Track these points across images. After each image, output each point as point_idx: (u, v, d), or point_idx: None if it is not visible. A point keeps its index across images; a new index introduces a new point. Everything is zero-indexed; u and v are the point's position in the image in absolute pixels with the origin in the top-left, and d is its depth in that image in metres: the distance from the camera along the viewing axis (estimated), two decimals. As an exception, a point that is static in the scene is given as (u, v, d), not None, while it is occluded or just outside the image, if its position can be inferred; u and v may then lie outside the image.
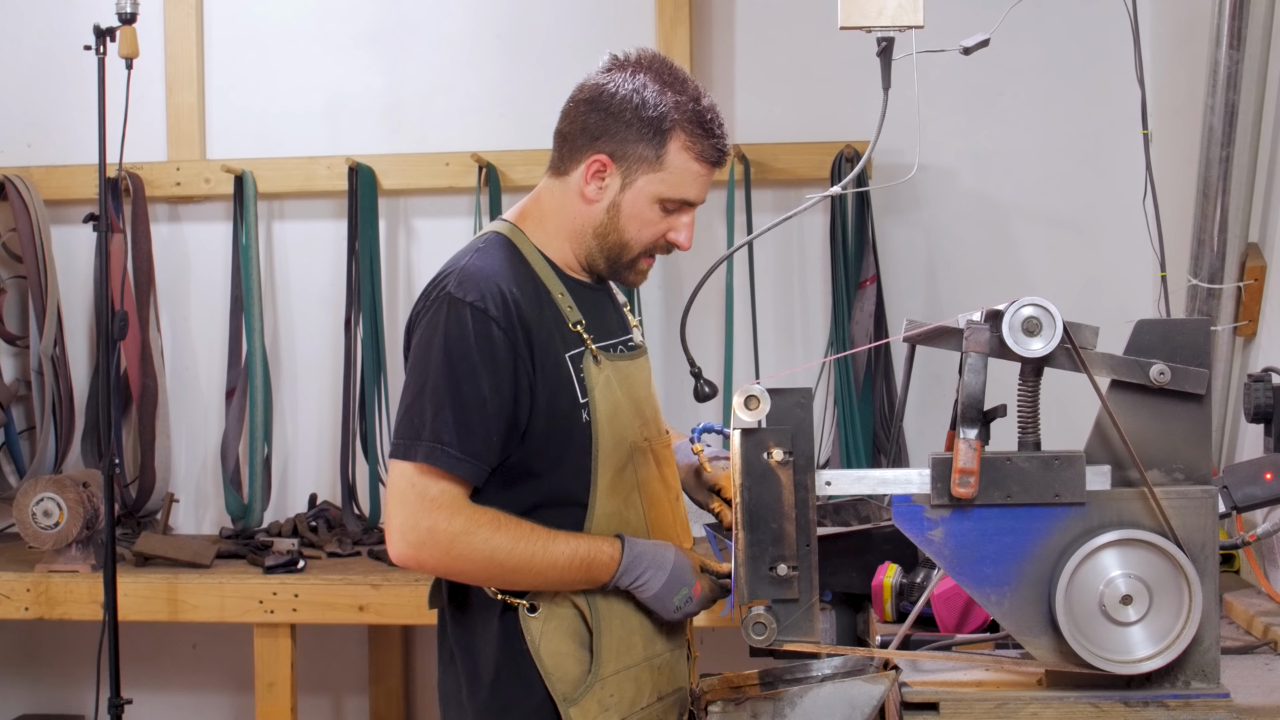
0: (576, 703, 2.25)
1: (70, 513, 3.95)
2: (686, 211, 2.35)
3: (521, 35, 4.58)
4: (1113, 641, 2.01)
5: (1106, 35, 4.11)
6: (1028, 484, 2.03)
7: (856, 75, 3.28)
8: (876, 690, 2.09)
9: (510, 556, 2.20)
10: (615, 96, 2.28)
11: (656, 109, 2.26)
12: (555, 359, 2.26)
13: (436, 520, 2.18)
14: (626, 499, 2.33)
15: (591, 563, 2.25)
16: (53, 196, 4.57)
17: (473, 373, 2.19)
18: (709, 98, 2.33)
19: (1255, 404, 2.76)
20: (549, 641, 2.27)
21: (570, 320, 2.31)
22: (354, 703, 4.72)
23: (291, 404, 4.66)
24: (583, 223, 2.34)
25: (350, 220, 4.47)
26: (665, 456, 2.45)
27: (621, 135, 2.28)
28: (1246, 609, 2.74)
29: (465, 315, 2.20)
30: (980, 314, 2.07)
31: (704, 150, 2.29)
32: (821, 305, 4.41)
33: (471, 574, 2.25)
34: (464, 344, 2.20)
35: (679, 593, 2.29)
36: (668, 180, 2.29)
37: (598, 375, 2.30)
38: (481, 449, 2.20)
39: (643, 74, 2.30)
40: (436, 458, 2.18)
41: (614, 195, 2.31)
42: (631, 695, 2.30)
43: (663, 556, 2.29)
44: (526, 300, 2.25)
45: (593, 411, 2.28)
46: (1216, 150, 3.10)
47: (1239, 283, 3.20)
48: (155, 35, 4.59)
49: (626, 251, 2.35)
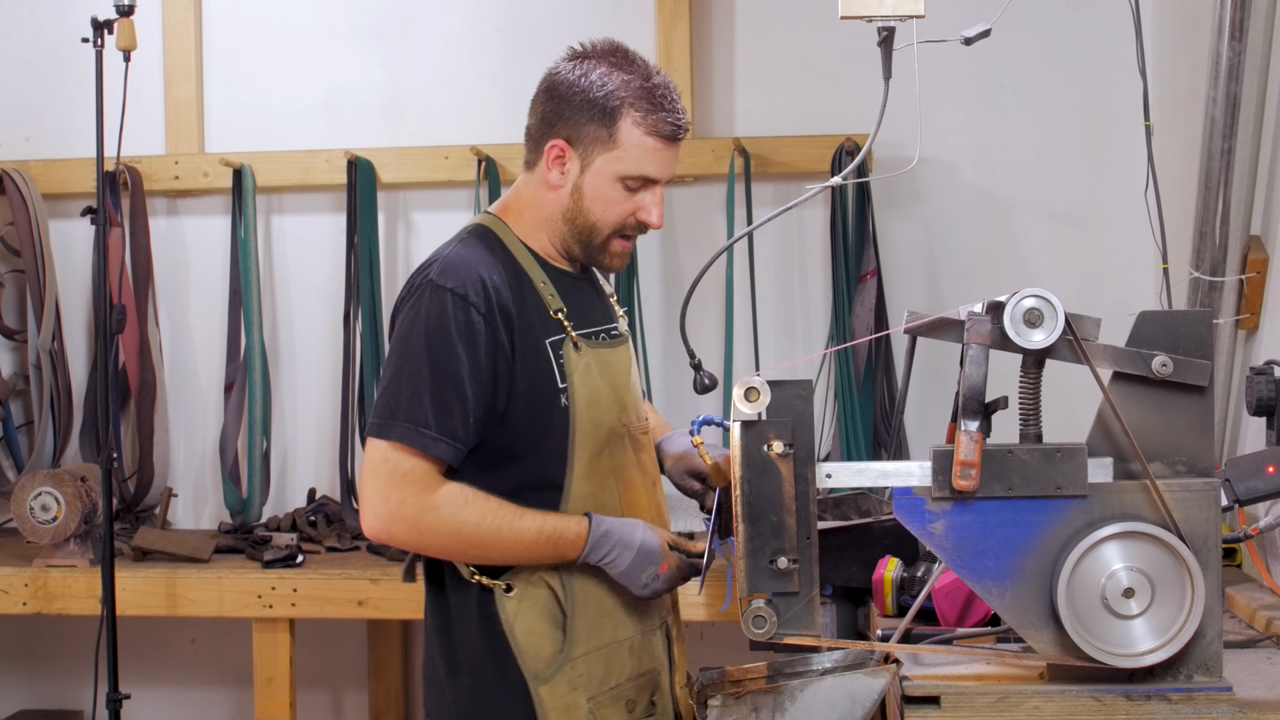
0: (547, 681, 2.31)
1: (68, 507, 3.93)
2: (651, 189, 2.39)
3: (521, 28, 4.56)
4: (1115, 635, 2.00)
5: (1108, 27, 4.09)
6: (1029, 476, 2.02)
7: (857, 68, 3.28)
8: (877, 684, 2.08)
9: (476, 530, 2.27)
10: (567, 83, 2.36)
11: (604, 89, 2.33)
12: (536, 345, 2.33)
13: (405, 494, 2.25)
14: (602, 483, 2.39)
15: (559, 539, 2.30)
16: (51, 190, 4.56)
17: (451, 356, 2.26)
18: (661, 76, 2.38)
19: (1257, 397, 2.75)
20: (523, 621, 2.33)
21: (551, 308, 2.37)
22: (353, 698, 4.71)
23: (290, 398, 4.65)
24: (553, 209, 2.41)
25: (349, 214, 4.45)
26: (643, 443, 2.50)
27: (574, 119, 2.35)
28: (1249, 603, 2.73)
29: (446, 301, 2.27)
30: (981, 306, 2.06)
31: (656, 124, 2.34)
32: (822, 298, 4.40)
33: (440, 547, 2.32)
34: (443, 329, 2.26)
35: (646, 570, 2.34)
36: (624, 158, 2.34)
37: (577, 361, 2.36)
38: (458, 429, 2.27)
39: (594, 59, 2.37)
40: (411, 438, 2.25)
41: (575, 178, 2.37)
42: (601, 675, 2.36)
43: (629, 534, 2.34)
44: (507, 288, 2.32)
45: (571, 397, 2.34)
46: (1218, 142, 3.09)
47: (1241, 275, 3.19)
48: (154, 28, 4.57)
49: (596, 233, 2.40)
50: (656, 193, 2.40)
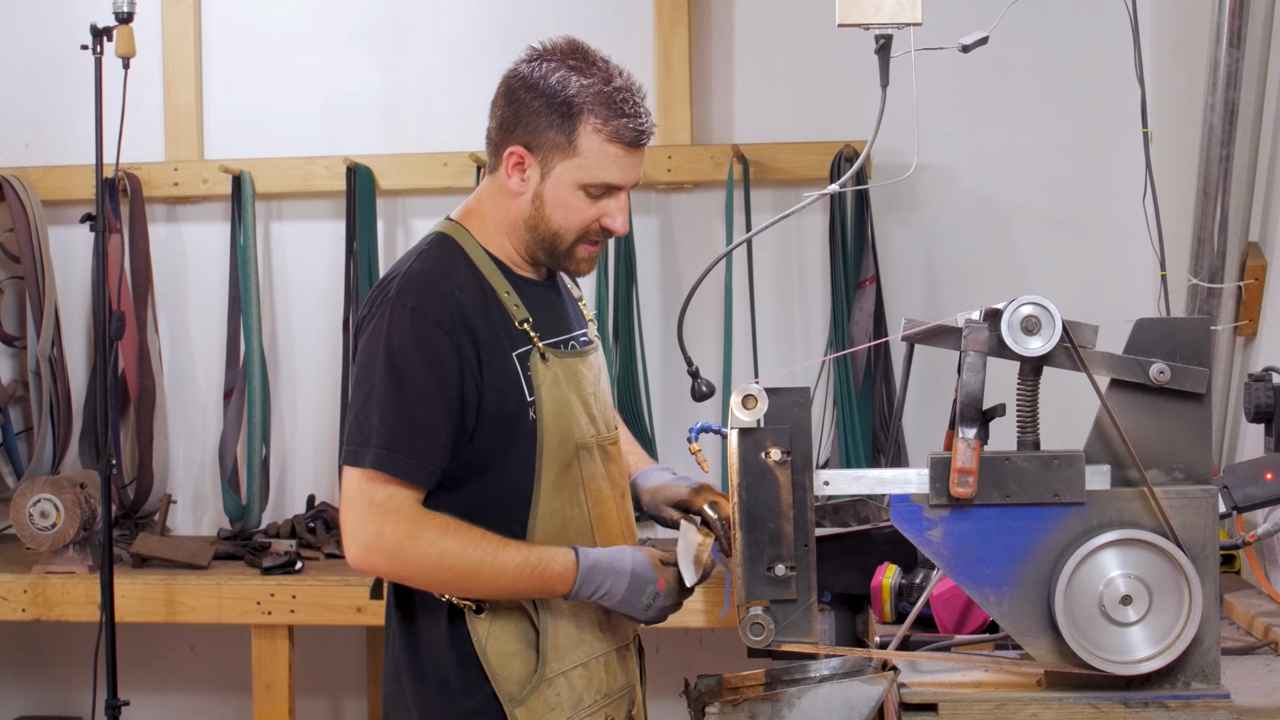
0: (523, 703, 2.26)
1: (67, 514, 3.94)
2: (614, 195, 2.31)
3: (520, 35, 4.45)
4: (1112, 642, 2.00)
5: (1106, 34, 4.10)
6: (1027, 484, 2.02)
7: (856, 75, 3.27)
8: (875, 691, 2.08)
9: (458, 561, 2.21)
10: (525, 87, 2.29)
11: (563, 94, 2.25)
12: (502, 358, 2.27)
13: (383, 525, 2.19)
14: (571, 496, 2.33)
15: (544, 571, 2.24)
16: (50, 197, 4.56)
17: (417, 377, 2.20)
18: (624, 79, 2.31)
19: (1256, 404, 2.76)
20: (495, 642, 2.28)
21: (517, 319, 2.31)
22: (352, 704, 4.71)
23: (290, 405, 4.65)
24: (514, 216, 2.33)
25: (348, 220, 4.46)
26: (612, 454, 2.44)
27: (533, 124, 2.27)
28: (1247, 609, 2.73)
29: (406, 320, 2.21)
30: (979, 313, 2.06)
31: (616, 130, 2.26)
32: (821, 305, 4.40)
33: (421, 578, 2.25)
34: (406, 349, 2.20)
35: (645, 591, 2.27)
36: (584, 165, 2.27)
37: (545, 373, 2.30)
38: (429, 452, 2.21)
39: (553, 61, 2.30)
40: (383, 463, 2.19)
41: (536, 186, 2.30)
42: (578, 693, 2.31)
43: (620, 561, 2.28)
44: (470, 301, 2.25)
45: (539, 409, 2.28)
46: (1217, 149, 3.10)
47: (1239, 282, 3.19)
48: (153, 35, 4.58)
49: (560, 241, 2.33)
50: (621, 199, 2.32)
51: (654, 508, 2.54)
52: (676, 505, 2.49)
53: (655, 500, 2.53)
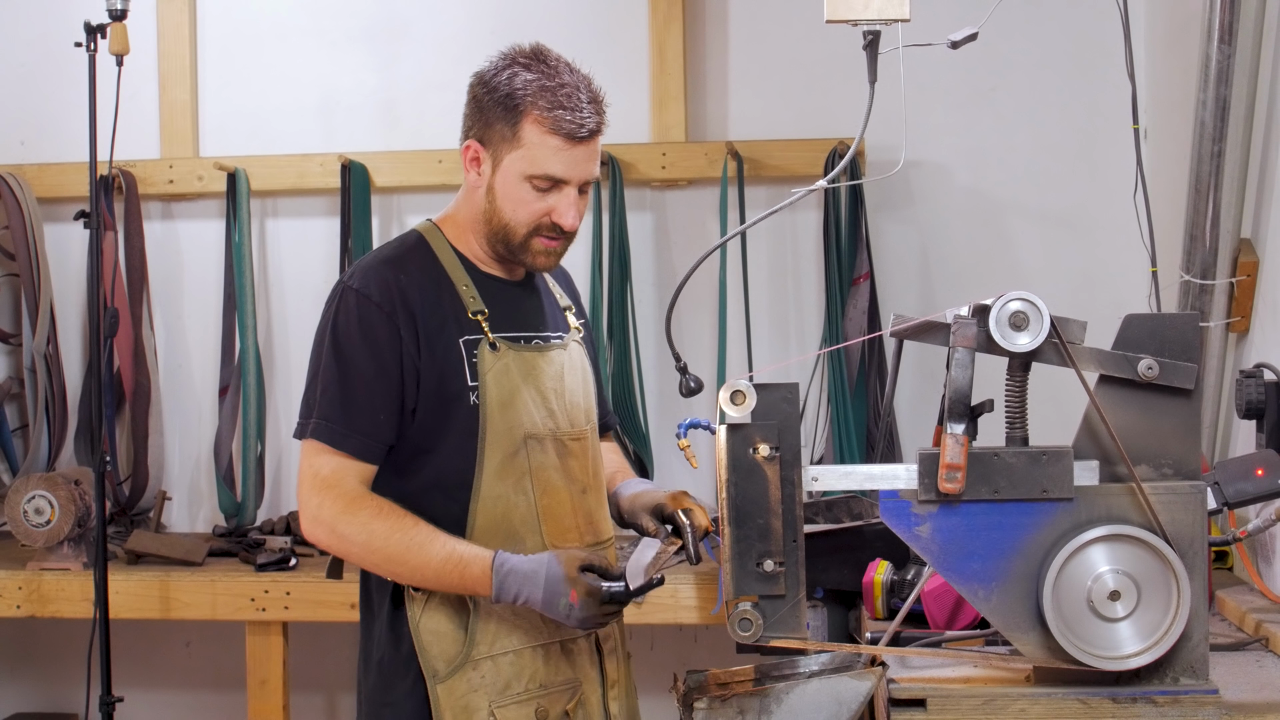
0: (444, 680, 2.33)
1: (62, 510, 3.94)
2: (561, 190, 2.38)
3: (515, 32, 4.45)
4: (1101, 637, 2.00)
5: (1099, 30, 4.10)
6: (1015, 479, 2.03)
7: (850, 72, 3.26)
8: (863, 686, 2.09)
9: (386, 544, 2.29)
10: (481, 84, 2.41)
11: (509, 88, 2.35)
12: (446, 342, 2.36)
13: (324, 498, 2.31)
14: (517, 484, 2.39)
15: (464, 569, 2.29)
16: (46, 194, 4.56)
17: (356, 355, 2.32)
18: (574, 76, 2.38)
19: (1247, 400, 2.76)
20: (429, 619, 2.35)
21: (470, 309, 2.39)
22: (346, 701, 4.71)
23: (285, 401, 4.64)
24: (476, 212, 2.44)
25: (343, 218, 4.45)
26: (573, 449, 2.47)
27: (485, 119, 2.38)
28: (1239, 605, 2.74)
29: (351, 302, 2.34)
30: (967, 309, 2.06)
31: (556, 123, 2.33)
32: (815, 302, 4.40)
33: (355, 556, 2.35)
34: (348, 328, 2.33)
35: (559, 604, 2.28)
36: (527, 156, 2.35)
37: (493, 362, 2.38)
38: (368, 425, 2.32)
39: (511, 63, 2.39)
40: (322, 433, 2.31)
41: (489, 178, 2.40)
42: (506, 679, 2.35)
43: (535, 572, 2.29)
44: (416, 287, 2.36)
45: (482, 396, 2.36)
46: (1208, 145, 3.10)
47: (1231, 278, 3.19)
48: (148, 32, 4.57)
49: (512, 234, 2.41)
50: (568, 194, 2.38)
51: (632, 515, 2.57)
52: (653, 511, 2.52)
53: (634, 507, 2.57)
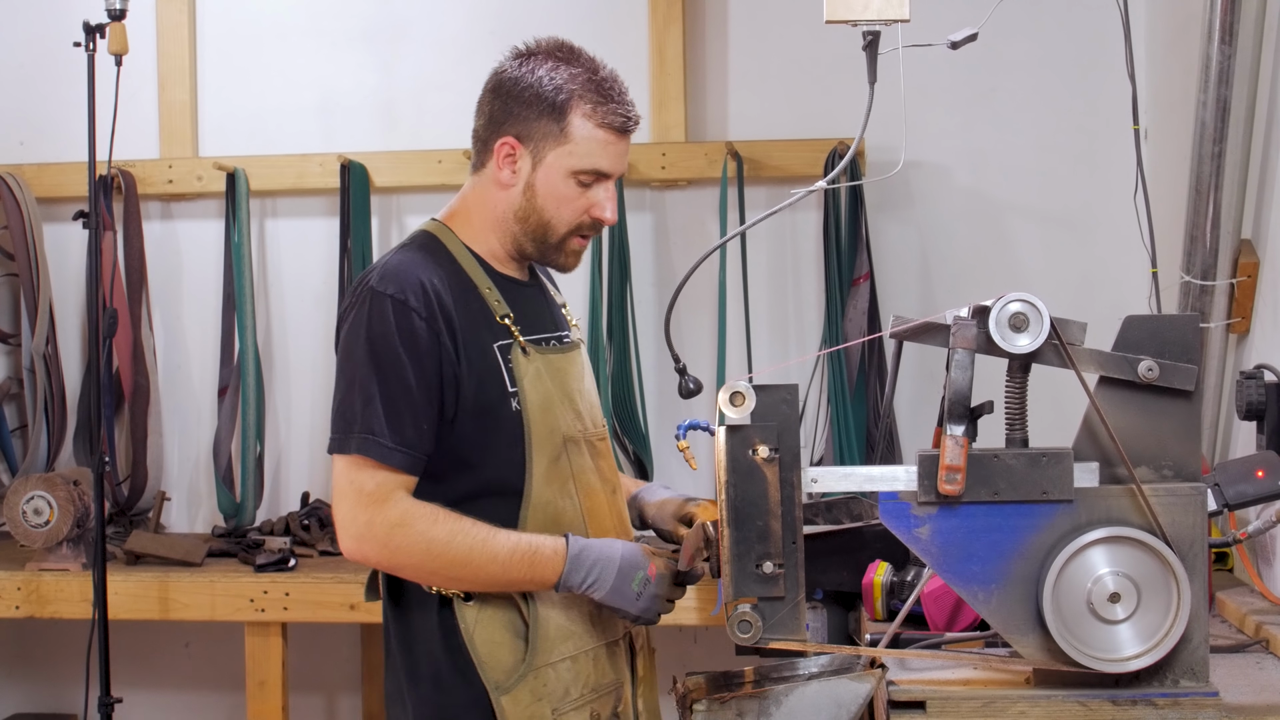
0: (508, 691, 2.27)
1: (61, 511, 3.93)
2: (604, 184, 2.36)
3: (514, 32, 4.44)
4: (1100, 640, 2.00)
5: (1100, 31, 4.10)
6: (1015, 481, 2.02)
7: (850, 72, 3.26)
8: (863, 688, 2.08)
9: (447, 549, 2.23)
10: (514, 81, 2.34)
11: (553, 83, 2.31)
12: (481, 348, 2.30)
13: (373, 514, 2.23)
14: (562, 488, 2.35)
15: (534, 557, 2.25)
16: (45, 194, 4.56)
17: (397, 364, 2.24)
18: (609, 70, 2.37)
19: (1247, 401, 2.75)
20: (483, 630, 2.29)
21: (498, 313, 2.34)
22: (346, 702, 4.71)
23: (284, 402, 4.64)
24: (504, 210, 2.37)
25: (343, 217, 4.45)
26: (601, 450, 2.46)
27: (524, 115, 2.32)
28: (1239, 607, 2.73)
29: (387, 308, 2.25)
30: (967, 310, 2.06)
31: (605, 115, 2.32)
32: (815, 303, 4.40)
33: (412, 567, 2.27)
34: (387, 337, 2.24)
35: (635, 577, 2.27)
36: (575, 152, 2.32)
37: (526, 366, 2.33)
38: (413, 438, 2.24)
39: (539, 56, 2.36)
40: (369, 449, 2.23)
41: (527, 176, 2.34)
42: (565, 686, 2.31)
43: (609, 547, 2.30)
44: (449, 292, 2.29)
45: (523, 401, 2.31)
46: (1209, 146, 3.09)
47: (1232, 279, 3.19)
48: (147, 32, 4.58)
49: (551, 232, 2.37)
50: (609, 188, 2.36)
51: (659, 521, 2.55)
52: (682, 519, 2.51)
53: (661, 514, 2.55)
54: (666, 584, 2.31)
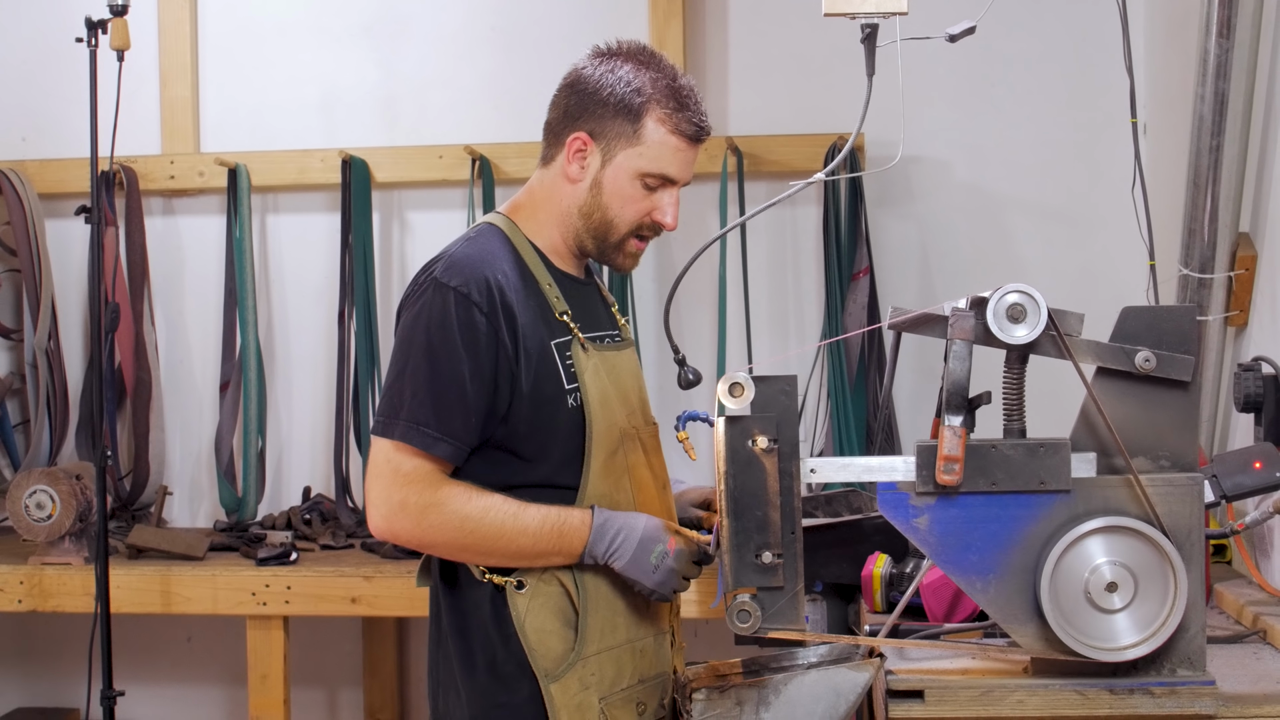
0: (558, 679, 2.28)
1: (63, 505, 3.95)
2: (669, 189, 2.39)
3: (515, 28, 4.57)
4: (1098, 629, 2.01)
5: (1099, 25, 4.11)
6: (1013, 471, 2.03)
7: (850, 67, 3.26)
8: (861, 678, 2.09)
9: (481, 524, 2.25)
10: (593, 79, 2.36)
11: (632, 85, 2.33)
12: (540, 345, 2.31)
13: (408, 494, 2.25)
14: (617, 482, 2.37)
15: (563, 526, 2.28)
16: (47, 190, 4.57)
17: (453, 356, 2.25)
18: (687, 79, 2.39)
19: (1245, 393, 2.76)
20: (534, 618, 2.30)
21: (557, 310, 2.36)
22: (348, 695, 4.72)
23: (285, 397, 4.66)
24: (569, 204, 2.39)
25: (344, 213, 4.46)
26: (652, 445, 2.48)
27: (599, 113, 2.35)
28: (1237, 598, 2.74)
29: (449, 300, 2.27)
30: (965, 301, 2.07)
31: (680, 123, 2.34)
32: (815, 297, 4.41)
33: (444, 544, 2.30)
34: (446, 328, 2.26)
35: (654, 550, 2.29)
36: (646, 154, 2.34)
37: (586, 362, 2.35)
38: (459, 429, 2.26)
39: (620, 58, 2.38)
40: (413, 437, 2.25)
41: (595, 172, 2.37)
42: (613, 676, 2.32)
43: (633, 520, 2.32)
44: (512, 287, 2.30)
45: (584, 397, 2.33)
46: (1207, 139, 3.10)
47: (1230, 272, 3.20)
48: (149, 28, 4.59)
49: (613, 231, 2.39)
50: (674, 194, 2.40)
51: (680, 509, 2.58)
52: (701, 505, 2.55)
53: (681, 502, 2.59)
54: (685, 561, 2.33)
